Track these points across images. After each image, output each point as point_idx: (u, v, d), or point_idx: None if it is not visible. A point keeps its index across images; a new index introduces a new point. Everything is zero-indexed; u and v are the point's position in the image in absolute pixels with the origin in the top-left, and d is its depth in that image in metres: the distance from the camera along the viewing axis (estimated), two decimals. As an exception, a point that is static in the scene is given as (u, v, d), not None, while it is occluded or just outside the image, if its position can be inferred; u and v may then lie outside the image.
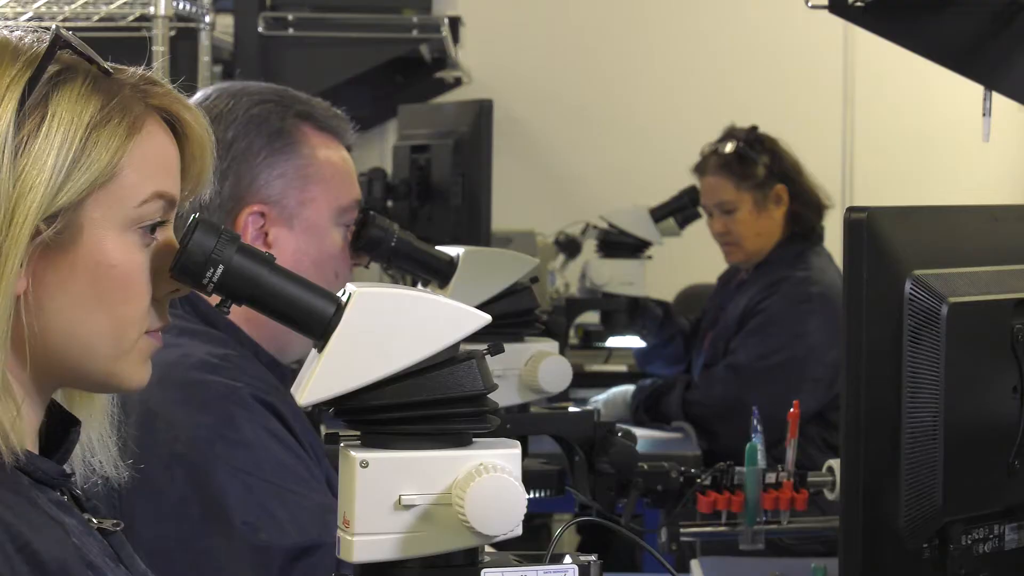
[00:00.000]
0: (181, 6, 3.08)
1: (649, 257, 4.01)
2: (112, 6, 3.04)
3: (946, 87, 5.34)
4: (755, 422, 2.20)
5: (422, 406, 1.27)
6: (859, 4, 2.28)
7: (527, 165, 5.30)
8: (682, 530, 2.20)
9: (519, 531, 1.27)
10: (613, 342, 4.21)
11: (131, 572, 1.31)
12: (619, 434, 2.14)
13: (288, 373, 2.10)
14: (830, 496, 2.20)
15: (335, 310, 1.28)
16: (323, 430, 2.39)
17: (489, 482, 1.25)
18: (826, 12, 4.20)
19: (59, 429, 1.32)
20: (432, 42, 3.77)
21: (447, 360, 1.28)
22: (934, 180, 5.32)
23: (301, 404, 1.26)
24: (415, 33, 3.42)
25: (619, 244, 3.99)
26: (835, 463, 2.19)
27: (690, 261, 4.89)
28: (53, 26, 1.27)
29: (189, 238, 1.26)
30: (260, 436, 1.93)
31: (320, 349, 1.28)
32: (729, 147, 3.87)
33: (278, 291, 1.28)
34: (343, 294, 1.29)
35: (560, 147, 5.51)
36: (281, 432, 1.96)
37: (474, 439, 1.30)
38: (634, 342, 4.18)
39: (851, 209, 1.53)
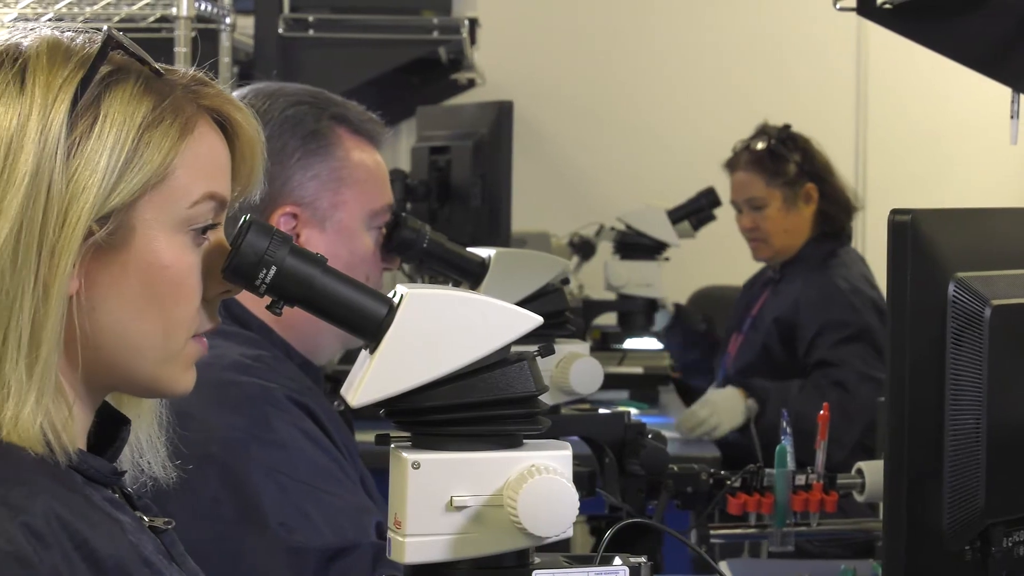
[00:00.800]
0: (202, 7, 3.08)
1: (667, 259, 4.01)
2: (134, 7, 3.04)
3: (959, 88, 5.37)
4: (784, 424, 2.20)
5: (474, 407, 1.27)
6: (887, 6, 2.28)
7: (540, 167, 5.29)
8: (712, 532, 2.20)
9: (570, 532, 1.27)
10: (631, 343, 4.20)
11: (184, 570, 1.31)
12: (649, 435, 2.14)
13: (320, 373, 2.11)
14: (859, 498, 2.19)
15: (387, 311, 1.28)
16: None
17: (542, 483, 1.25)
18: (839, 14, 4.20)
19: (109, 429, 1.32)
20: (449, 44, 3.76)
21: (499, 361, 1.28)
22: (947, 182, 5.32)
23: (353, 405, 1.26)
24: (436, 35, 3.41)
25: (636, 245, 3.99)
26: (865, 465, 2.19)
27: (703, 263, 4.89)
28: (104, 27, 1.27)
29: (242, 239, 1.26)
30: (294, 436, 1.93)
31: (372, 350, 1.28)
32: (761, 144, 3.89)
33: (330, 293, 1.28)
34: (394, 295, 1.30)
35: (573, 149, 5.52)
36: (315, 432, 1.96)
37: (524, 441, 1.30)
38: (651, 343, 4.18)
39: (895, 211, 1.53)
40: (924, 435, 1.51)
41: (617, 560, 1.32)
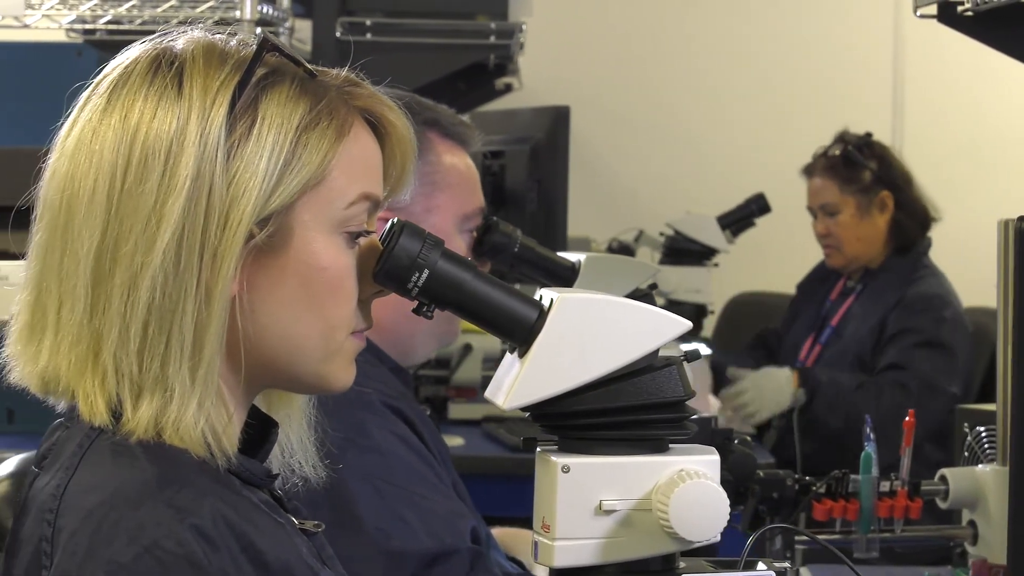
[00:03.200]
0: (264, 9, 3.09)
1: (715, 264, 4.01)
2: (196, 10, 3.04)
3: (996, 97, 5.38)
4: (868, 430, 2.20)
5: (623, 411, 1.28)
6: (968, 14, 2.27)
7: (580, 172, 5.28)
8: (796, 538, 2.20)
9: (718, 537, 1.28)
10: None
11: (335, 574, 1.31)
12: (736, 441, 2.14)
13: (411, 378, 2.11)
14: (942, 505, 2.19)
15: (537, 316, 1.28)
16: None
17: (693, 488, 1.25)
18: (877, 24, 4.23)
19: (257, 431, 1.32)
20: (498, 48, 3.76)
21: (648, 366, 1.28)
22: (985, 190, 5.32)
23: (505, 408, 1.27)
24: (492, 39, 3.42)
25: (685, 251, 3.99)
26: (949, 472, 2.19)
27: (741, 270, 4.89)
28: (259, 30, 1.28)
29: (395, 242, 1.27)
30: (390, 441, 1.93)
31: (522, 354, 1.28)
32: (837, 150, 3.90)
33: (482, 296, 1.28)
34: (540, 299, 1.30)
35: (612, 154, 5.51)
36: (410, 437, 1.97)
37: (670, 445, 1.31)
38: (700, 348, 4.18)
39: (1020, 219, 1.53)
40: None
41: (761, 565, 1.32)
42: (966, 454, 2.26)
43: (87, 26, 3.13)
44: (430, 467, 1.96)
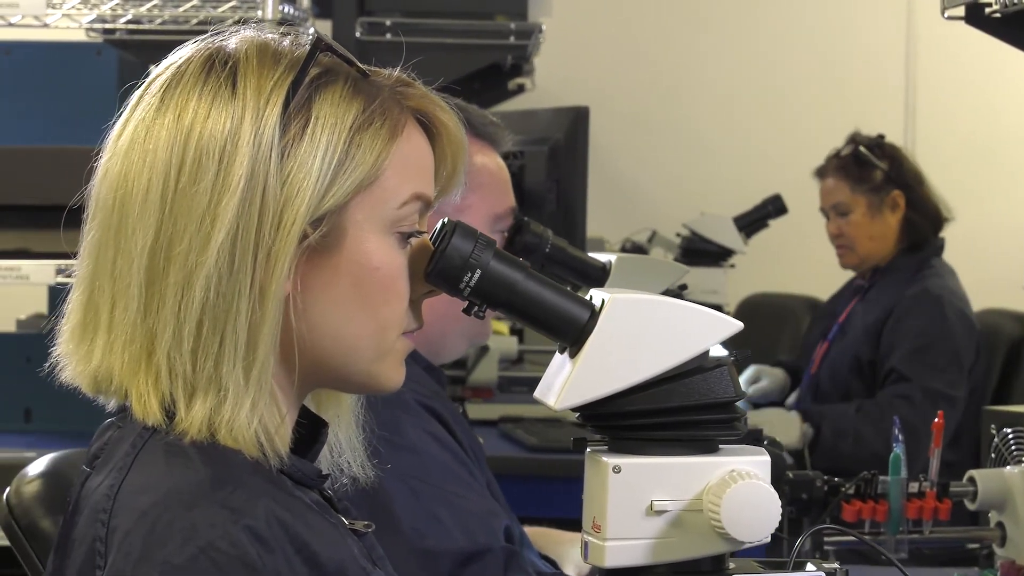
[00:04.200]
0: (285, 9, 3.08)
1: (732, 266, 4.01)
2: (218, 10, 3.04)
3: (1009, 99, 5.38)
4: (896, 431, 2.20)
5: (675, 412, 1.28)
6: (996, 16, 2.27)
7: (593, 173, 5.29)
8: (825, 539, 2.20)
9: (768, 539, 1.28)
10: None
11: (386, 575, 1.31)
12: (766, 442, 2.14)
13: (444, 377, 2.11)
14: (970, 506, 2.19)
15: (589, 316, 1.28)
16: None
17: (745, 489, 1.26)
18: (889, 26, 4.23)
19: (308, 431, 1.32)
20: (515, 49, 3.77)
21: (699, 366, 1.28)
22: (998, 191, 5.32)
23: (556, 408, 1.27)
24: (512, 40, 3.42)
25: (702, 252, 4.00)
26: (977, 473, 2.19)
27: (753, 271, 4.90)
28: (312, 29, 1.28)
29: (447, 242, 1.26)
30: (425, 441, 1.93)
31: (573, 355, 1.28)
32: (848, 150, 3.90)
33: (533, 297, 1.28)
34: (590, 299, 1.30)
35: (624, 155, 5.52)
36: (444, 436, 1.97)
37: (720, 446, 1.31)
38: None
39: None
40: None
41: (810, 566, 1.32)
42: (993, 456, 2.26)
43: (107, 25, 3.13)
44: (464, 466, 1.96)
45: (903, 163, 3.91)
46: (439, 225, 1.29)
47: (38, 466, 1.76)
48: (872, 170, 3.87)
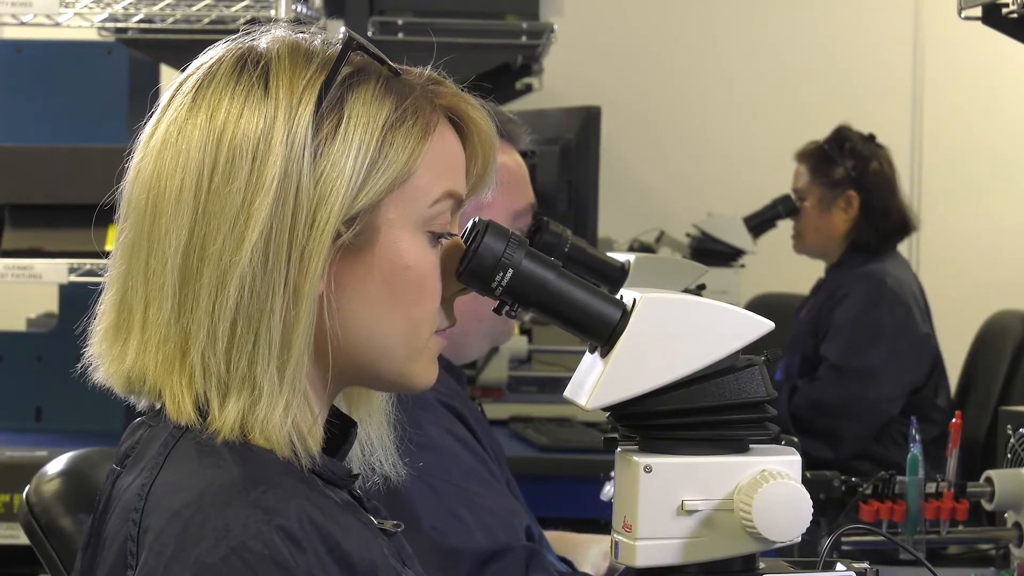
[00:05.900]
0: (298, 8, 3.08)
1: (742, 266, 4.01)
2: (231, 9, 3.03)
3: (1015, 97, 5.38)
4: (913, 431, 2.20)
5: (706, 412, 1.28)
6: (1013, 16, 2.27)
7: (602, 172, 5.29)
8: (843, 539, 2.20)
9: (799, 538, 1.28)
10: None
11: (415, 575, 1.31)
12: (783, 442, 2.14)
13: (464, 376, 2.11)
14: (988, 506, 2.20)
15: (620, 316, 1.28)
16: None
17: (777, 488, 1.25)
18: (896, 25, 4.23)
19: (338, 430, 1.32)
20: (527, 48, 3.76)
21: (730, 366, 1.28)
22: (1004, 191, 5.33)
23: (588, 408, 1.27)
24: (523, 39, 3.42)
25: (711, 252, 4.00)
26: (995, 473, 2.19)
27: (760, 271, 4.90)
28: (343, 28, 1.28)
29: (479, 241, 1.26)
30: (445, 440, 1.93)
31: (604, 354, 1.28)
32: (822, 140, 3.96)
33: (565, 296, 1.28)
34: (621, 298, 1.30)
35: (632, 155, 5.52)
36: (465, 435, 1.97)
37: (751, 445, 1.31)
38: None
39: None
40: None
41: (840, 566, 1.32)
42: (1009, 456, 2.26)
43: (119, 24, 3.13)
44: (485, 465, 1.96)
45: (870, 167, 3.92)
46: (470, 224, 1.29)
47: (57, 465, 1.76)
48: (834, 165, 3.92)
